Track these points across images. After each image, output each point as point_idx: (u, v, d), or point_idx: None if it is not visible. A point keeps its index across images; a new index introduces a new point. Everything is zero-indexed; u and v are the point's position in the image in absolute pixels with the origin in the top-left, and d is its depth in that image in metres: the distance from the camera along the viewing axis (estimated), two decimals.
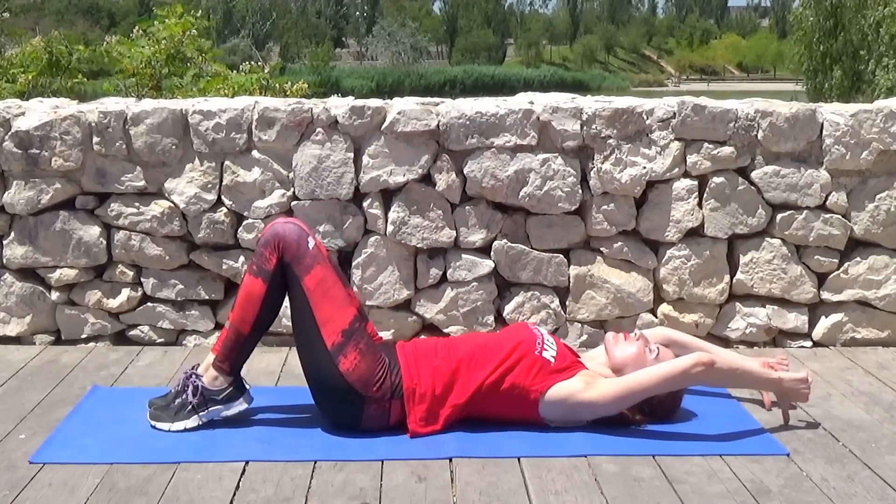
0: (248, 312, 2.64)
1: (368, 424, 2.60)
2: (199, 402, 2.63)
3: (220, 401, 2.65)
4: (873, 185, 3.44)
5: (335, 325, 2.59)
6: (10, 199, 3.40)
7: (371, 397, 2.57)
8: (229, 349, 2.66)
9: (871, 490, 2.30)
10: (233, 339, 2.65)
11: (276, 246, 2.61)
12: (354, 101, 3.40)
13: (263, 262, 2.62)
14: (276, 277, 2.62)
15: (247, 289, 2.64)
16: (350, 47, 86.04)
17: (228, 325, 2.67)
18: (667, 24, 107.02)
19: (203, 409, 2.64)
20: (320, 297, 2.60)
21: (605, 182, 3.37)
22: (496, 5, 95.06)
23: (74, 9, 73.14)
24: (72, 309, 3.47)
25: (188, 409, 2.63)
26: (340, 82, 51.02)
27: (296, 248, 2.61)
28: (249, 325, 2.64)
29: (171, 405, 2.65)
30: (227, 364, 2.66)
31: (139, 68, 5.78)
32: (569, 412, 2.61)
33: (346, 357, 2.56)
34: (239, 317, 2.65)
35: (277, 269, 2.62)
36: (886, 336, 3.50)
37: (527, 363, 2.61)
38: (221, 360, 2.66)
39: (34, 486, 2.29)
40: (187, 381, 2.66)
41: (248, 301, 2.63)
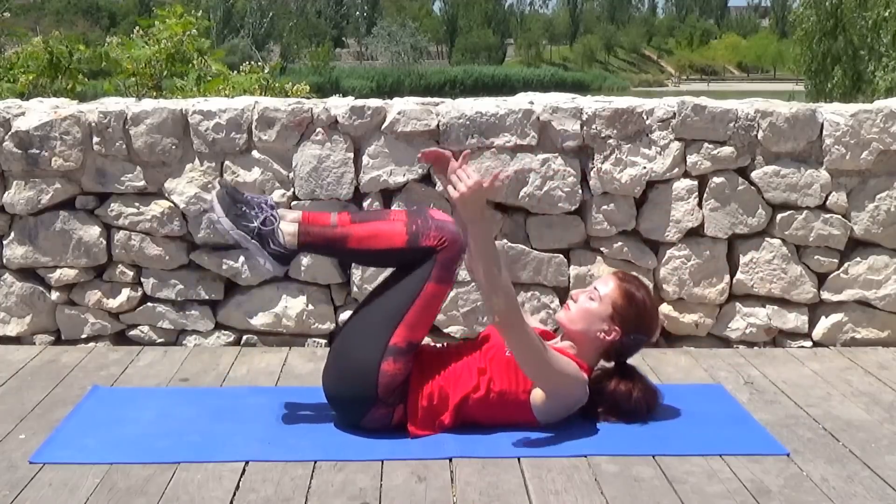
0: (369, 242, 2.58)
1: (369, 424, 2.60)
2: (260, 232, 2.54)
3: (271, 251, 2.55)
4: (873, 185, 3.44)
5: (411, 333, 2.57)
6: (10, 199, 3.40)
7: (382, 401, 2.57)
8: (323, 236, 2.59)
9: (871, 490, 2.30)
10: (335, 237, 2.59)
11: (444, 238, 2.56)
12: (354, 101, 3.41)
13: (423, 234, 2.56)
14: (415, 253, 2.57)
15: (391, 230, 2.58)
16: (350, 47, 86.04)
17: (338, 223, 2.60)
18: (667, 24, 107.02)
19: (255, 239, 2.54)
20: (424, 306, 2.58)
21: (605, 182, 3.37)
22: (496, 5, 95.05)
23: (74, 9, 73.12)
24: (72, 309, 3.47)
25: (248, 225, 2.53)
26: (341, 82, 51.04)
27: (450, 258, 2.59)
28: (357, 247, 2.59)
29: (238, 204, 2.55)
30: (308, 239, 2.58)
31: (139, 68, 5.78)
32: (556, 410, 2.60)
33: (395, 363, 2.54)
34: (360, 235, 2.58)
35: (423, 250, 2.56)
36: (886, 336, 3.50)
37: (502, 367, 2.60)
38: (307, 233, 2.57)
39: (34, 486, 2.29)
40: (266, 209, 2.56)
41: (382, 238, 2.58)
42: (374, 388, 2.54)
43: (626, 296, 2.67)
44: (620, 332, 2.65)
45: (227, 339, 3.48)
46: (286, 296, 3.44)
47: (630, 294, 2.67)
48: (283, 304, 3.44)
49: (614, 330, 2.65)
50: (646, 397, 2.69)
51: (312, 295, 3.45)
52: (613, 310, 2.65)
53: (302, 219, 2.61)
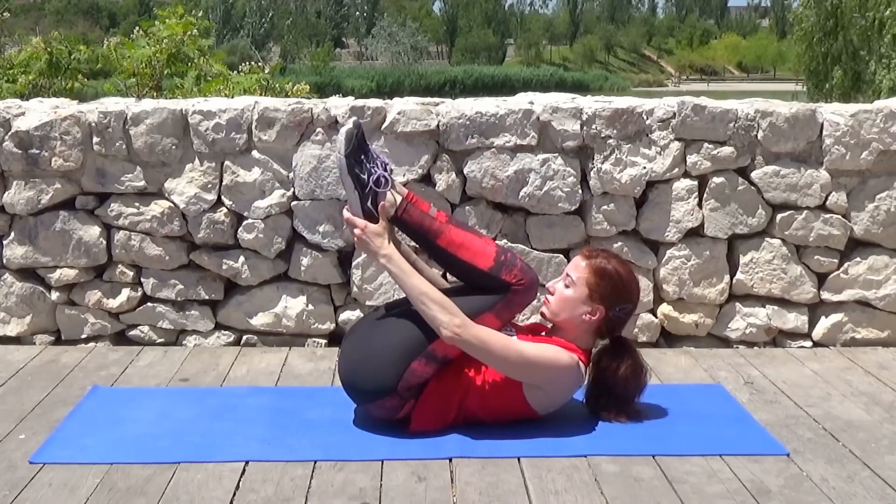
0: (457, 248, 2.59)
1: (376, 411, 2.61)
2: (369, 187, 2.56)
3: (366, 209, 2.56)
4: (873, 185, 3.44)
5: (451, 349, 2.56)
6: (10, 199, 3.40)
7: (398, 394, 2.57)
8: (419, 219, 2.61)
9: (871, 490, 2.30)
10: (429, 225, 2.60)
11: (523, 279, 2.57)
12: (354, 101, 3.41)
13: (507, 267, 2.57)
14: (491, 280, 2.58)
15: (482, 248, 2.60)
16: (350, 47, 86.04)
17: (435, 216, 2.62)
18: (667, 24, 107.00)
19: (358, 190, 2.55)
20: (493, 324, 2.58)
21: (605, 182, 3.37)
22: (496, 5, 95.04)
23: (74, 9, 73.15)
24: (72, 309, 3.47)
25: (360, 176, 2.55)
26: (341, 83, 51.03)
27: (520, 301, 2.61)
28: (443, 246, 2.59)
29: (363, 155, 2.56)
30: (405, 216, 2.60)
31: (140, 68, 5.78)
32: (549, 398, 2.62)
33: (427, 366, 2.55)
34: (452, 238, 2.59)
35: (499, 283, 2.57)
36: (886, 336, 3.50)
37: None
38: (406, 210, 2.60)
39: (34, 486, 2.29)
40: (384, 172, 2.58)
41: (469, 251, 2.59)
42: (396, 381, 2.54)
43: (598, 272, 2.66)
44: (604, 308, 2.65)
45: (227, 339, 3.48)
46: (286, 296, 3.44)
47: (601, 269, 2.67)
48: (283, 304, 3.44)
49: (598, 309, 2.65)
50: (632, 374, 2.69)
51: (312, 295, 3.45)
52: (590, 289, 2.65)
53: (407, 195, 2.64)
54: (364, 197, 2.57)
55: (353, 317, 3.44)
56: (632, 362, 2.70)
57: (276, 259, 3.43)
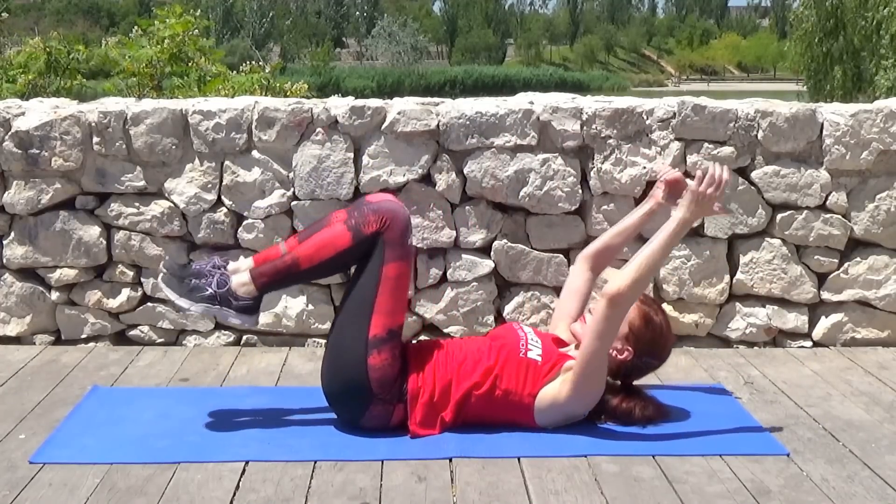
0: (319, 255, 2.59)
1: (368, 423, 2.60)
2: (218, 296, 2.56)
3: (235, 307, 2.58)
4: (873, 185, 3.44)
5: (387, 320, 2.57)
6: (10, 199, 3.40)
7: (379, 398, 2.57)
8: (276, 272, 2.60)
9: (871, 490, 2.30)
10: (286, 268, 2.60)
11: (384, 219, 2.57)
12: (354, 101, 3.40)
13: (363, 223, 2.58)
14: (364, 243, 2.58)
15: (332, 235, 2.60)
16: (350, 47, 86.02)
17: (288, 251, 2.62)
18: (667, 24, 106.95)
19: (217, 304, 2.56)
20: (391, 289, 2.58)
21: (605, 182, 3.37)
22: (496, 5, 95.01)
23: (74, 9, 73.14)
24: (72, 309, 3.47)
25: (204, 294, 2.56)
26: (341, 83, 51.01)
27: (399, 234, 2.59)
28: (312, 266, 2.60)
29: (186, 281, 2.57)
30: (265, 280, 2.60)
31: (140, 68, 5.78)
32: (560, 416, 2.61)
33: (380, 354, 2.55)
34: (307, 254, 2.59)
35: (370, 238, 2.57)
36: (886, 336, 3.50)
37: (513, 367, 2.60)
38: (261, 276, 2.59)
39: (34, 486, 2.29)
40: (215, 271, 2.59)
41: (327, 247, 2.59)
42: (368, 385, 2.54)
43: (645, 318, 2.67)
44: (633, 352, 2.66)
45: (227, 339, 3.48)
46: (286, 296, 3.44)
47: (649, 317, 2.68)
48: (283, 304, 3.44)
49: (627, 350, 2.66)
50: (647, 416, 2.67)
51: (312, 295, 3.45)
52: (630, 330, 2.65)
53: (253, 263, 2.64)
54: (228, 304, 2.57)
55: None
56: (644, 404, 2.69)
57: None
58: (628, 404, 2.67)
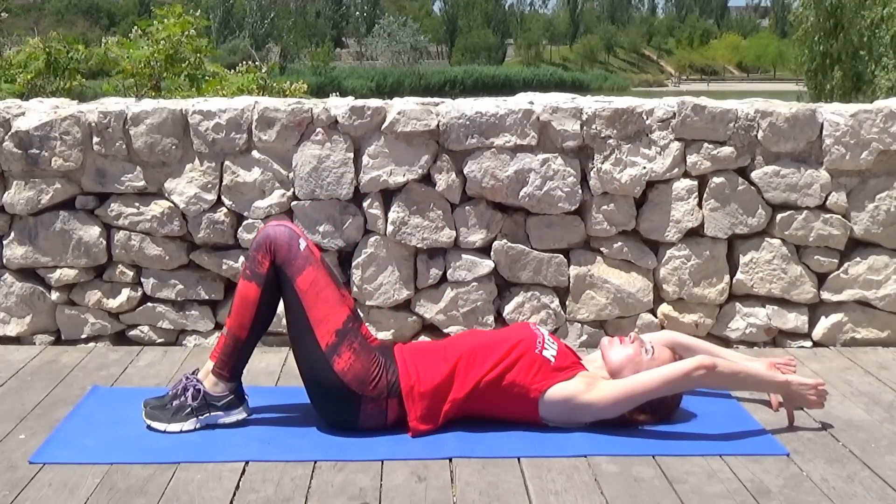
0: (245, 317, 2.64)
1: (366, 424, 2.60)
2: (199, 405, 2.63)
3: (220, 407, 2.65)
4: (873, 185, 3.44)
5: (329, 325, 2.59)
6: (10, 199, 3.40)
7: (367, 396, 2.57)
8: (228, 355, 2.66)
9: (871, 490, 2.30)
10: (231, 344, 2.66)
11: (267, 249, 2.62)
12: (354, 101, 3.40)
13: (256, 266, 2.63)
14: (269, 280, 2.62)
15: (241, 293, 2.65)
16: (350, 47, 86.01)
17: (226, 331, 2.67)
18: (667, 24, 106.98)
19: (202, 412, 2.63)
20: (313, 298, 2.60)
21: (605, 182, 3.37)
22: (496, 5, 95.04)
23: (74, 9, 73.14)
24: (72, 309, 3.47)
25: (186, 411, 2.63)
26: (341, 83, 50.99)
27: (287, 250, 2.62)
28: (247, 330, 2.65)
29: (168, 406, 2.65)
30: (227, 370, 2.66)
31: (138, 68, 5.78)
32: (569, 413, 2.61)
33: (341, 357, 2.56)
34: (236, 322, 2.65)
35: (270, 272, 2.62)
36: (886, 336, 3.50)
37: (527, 361, 2.61)
38: (221, 367, 2.66)
39: (34, 486, 2.29)
40: (187, 384, 2.65)
41: (244, 306, 2.64)
42: (348, 388, 2.55)
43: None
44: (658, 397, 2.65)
45: None
46: None
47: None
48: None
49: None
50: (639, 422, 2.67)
51: None
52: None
53: (212, 362, 2.67)
54: (213, 409, 2.63)
55: None
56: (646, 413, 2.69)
57: None
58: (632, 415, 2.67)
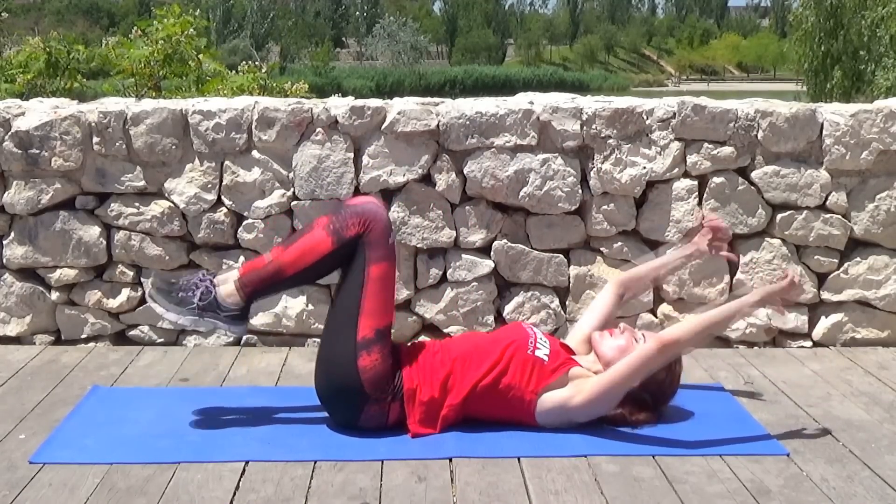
0: (301, 262, 2.59)
1: (366, 424, 2.60)
2: (204, 306, 2.58)
3: (223, 318, 2.59)
4: (873, 185, 3.44)
5: (374, 321, 2.57)
6: (10, 199, 3.40)
7: (374, 398, 2.57)
8: (261, 279, 2.60)
9: (871, 490, 2.30)
10: (271, 273, 2.60)
11: (365, 221, 2.58)
12: (354, 101, 3.41)
13: (343, 228, 2.58)
14: (346, 246, 2.58)
15: (314, 241, 2.59)
16: (350, 47, 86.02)
17: (271, 259, 2.62)
18: (667, 24, 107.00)
19: (204, 314, 2.58)
20: (376, 290, 2.58)
21: (605, 182, 3.37)
22: (496, 5, 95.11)
23: (74, 9, 73.17)
24: (72, 309, 3.47)
25: (191, 305, 2.57)
26: (342, 83, 51.00)
27: (379, 234, 2.59)
28: (295, 272, 2.60)
29: (174, 292, 2.59)
30: (250, 290, 2.60)
31: (138, 68, 5.77)
32: (564, 418, 2.61)
33: (370, 355, 2.55)
34: (290, 260, 2.59)
35: (352, 241, 2.58)
36: (886, 336, 3.50)
37: (520, 363, 2.61)
38: (247, 284, 2.60)
39: (34, 486, 2.29)
40: (200, 283, 2.60)
41: (309, 252, 2.59)
42: (361, 386, 2.54)
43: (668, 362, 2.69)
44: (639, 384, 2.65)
45: (227, 339, 3.48)
46: (286, 296, 3.44)
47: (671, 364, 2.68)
48: (282, 304, 3.44)
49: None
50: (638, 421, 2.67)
51: (312, 295, 3.45)
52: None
53: (239, 274, 2.64)
54: (214, 315, 2.59)
55: None
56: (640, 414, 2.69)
57: None
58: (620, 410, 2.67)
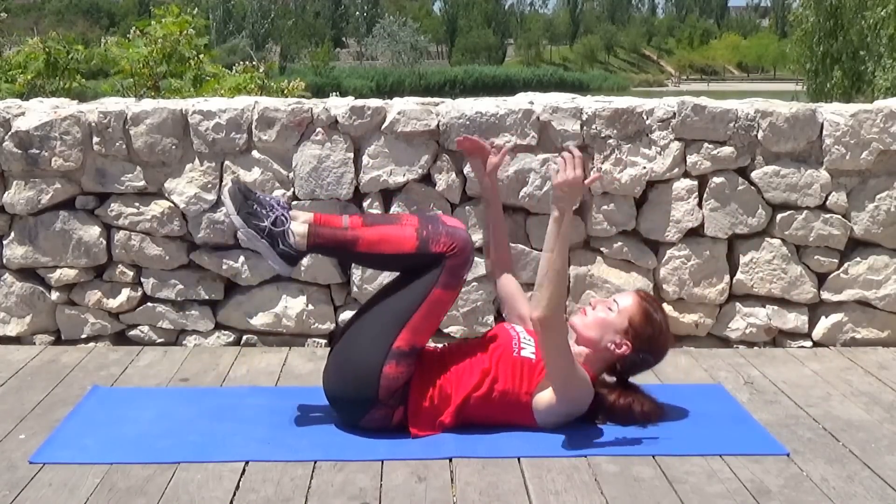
0: (378, 247, 2.58)
1: (367, 424, 2.60)
2: (271, 232, 2.55)
3: (279, 251, 2.56)
4: (873, 185, 3.44)
5: (415, 338, 2.57)
6: (10, 199, 3.40)
7: (382, 403, 2.57)
8: (333, 238, 2.59)
9: (871, 490, 2.30)
10: (344, 239, 2.59)
11: (453, 245, 2.57)
12: (354, 101, 3.40)
13: (433, 240, 2.57)
14: (425, 257, 2.57)
15: (400, 236, 2.58)
16: (350, 47, 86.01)
17: (348, 226, 2.61)
18: (667, 24, 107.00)
19: (265, 239, 2.55)
20: (430, 311, 2.59)
21: (605, 182, 3.37)
22: (496, 5, 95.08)
23: (74, 9, 73.17)
24: (72, 309, 3.47)
25: (259, 224, 2.54)
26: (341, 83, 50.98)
27: (460, 264, 2.59)
28: (366, 251, 2.60)
29: (250, 201, 2.57)
30: (318, 241, 2.59)
31: (137, 68, 5.77)
32: (560, 417, 2.60)
33: (398, 366, 2.54)
34: (370, 239, 2.58)
35: (433, 256, 2.56)
36: (886, 336, 3.50)
37: (508, 367, 2.61)
38: (317, 235, 2.58)
39: (34, 486, 2.29)
40: (278, 208, 2.58)
41: (391, 243, 2.58)
42: (375, 391, 2.54)
43: (645, 314, 2.68)
44: (631, 347, 2.66)
45: (227, 339, 3.48)
46: (286, 296, 3.44)
47: (649, 313, 2.69)
48: (283, 304, 3.44)
49: (625, 344, 2.66)
50: (645, 413, 2.68)
51: (312, 295, 3.45)
52: (629, 324, 2.66)
53: (313, 220, 2.62)
54: (273, 243, 2.57)
55: None
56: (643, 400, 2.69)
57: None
58: (626, 400, 2.68)
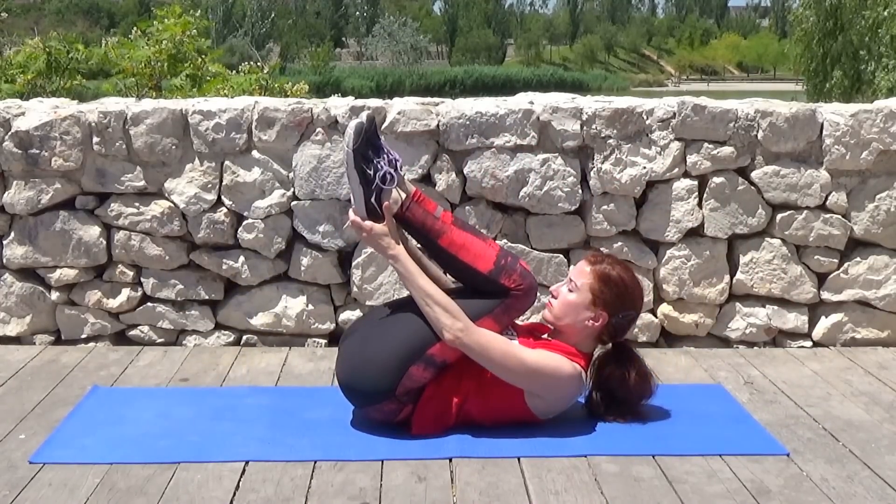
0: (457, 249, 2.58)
1: (373, 414, 2.61)
2: (375, 185, 2.55)
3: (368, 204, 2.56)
4: (873, 185, 3.44)
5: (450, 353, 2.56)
6: (10, 199, 3.40)
7: (396, 398, 2.57)
8: (422, 220, 2.60)
9: (871, 490, 2.30)
10: (433, 226, 2.60)
11: (520, 286, 2.58)
12: (354, 101, 3.41)
13: (508, 271, 2.57)
14: (491, 284, 2.58)
15: (482, 252, 2.59)
16: (350, 47, 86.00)
17: (440, 217, 2.61)
18: (667, 24, 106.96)
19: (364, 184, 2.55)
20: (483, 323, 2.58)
21: (605, 182, 3.37)
22: (496, 5, 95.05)
23: (74, 9, 73.16)
24: (72, 309, 3.47)
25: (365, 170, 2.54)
26: (342, 83, 50.98)
27: (519, 306, 2.61)
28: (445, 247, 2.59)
29: (370, 147, 2.55)
30: (408, 214, 2.60)
31: (139, 68, 5.78)
32: (554, 406, 2.62)
33: (425, 371, 2.55)
34: (454, 240, 2.59)
35: (498, 286, 2.57)
36: (886, 336, 3.50)
37: None
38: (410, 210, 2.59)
39: (34, 486, 2.29)
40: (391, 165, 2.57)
41: (470, 253, 2.58)
42: (394, 386, 2.54)
43: (602, 278, 2.66)
44: (607, 315, 2.65)
45: (227, 339, 3.48)
46: (286, 296, 3.44)
47: (606, 275, 2.66)
48: (283, 304, 3.44)
49: (600, 315, 2.65)
50: (640, 382, 2.68)
51: (312, 295, 3.45)
52: (594, 295, 2.65)
53: (413, 193, 2.64)
54: (368, 193, 2.57)
55: (353, 317, 3.44)
56: (638, 369, 2.70)
57: (276, 259, 3.43)
58: (621, 370, 2.68)
